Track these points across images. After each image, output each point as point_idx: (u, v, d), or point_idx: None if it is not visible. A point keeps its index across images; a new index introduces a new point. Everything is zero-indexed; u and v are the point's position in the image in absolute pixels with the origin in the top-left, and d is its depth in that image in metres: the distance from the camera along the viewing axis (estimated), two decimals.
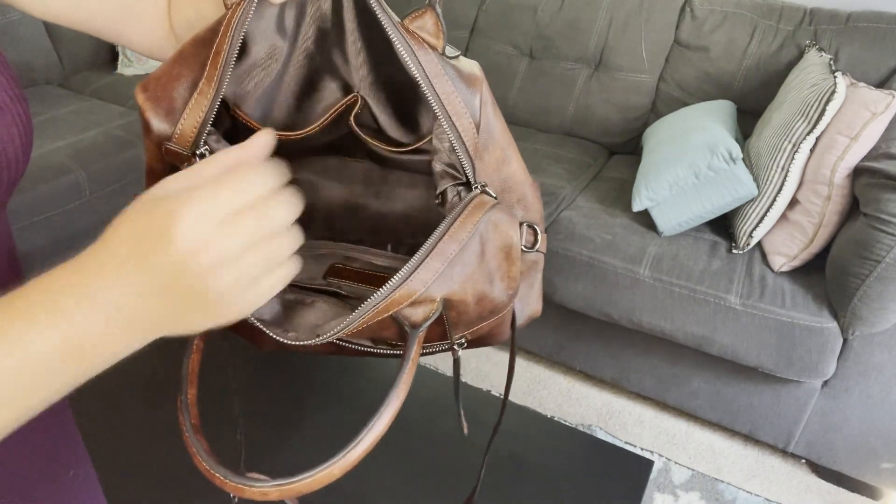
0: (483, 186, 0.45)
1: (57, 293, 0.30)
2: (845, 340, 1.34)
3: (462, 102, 0.44)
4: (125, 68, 2.30)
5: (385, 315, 0.42)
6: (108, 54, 2.39)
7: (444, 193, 0.46)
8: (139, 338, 0.33)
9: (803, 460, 1.61)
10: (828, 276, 1.37)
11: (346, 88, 0.50)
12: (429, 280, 0.41)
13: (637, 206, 1.52)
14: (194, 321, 0.34)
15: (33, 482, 0.47)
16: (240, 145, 0.35)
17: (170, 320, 0.33)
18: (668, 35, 1.88)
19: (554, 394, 1.76)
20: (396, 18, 0.42)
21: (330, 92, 0.50)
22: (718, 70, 1.81)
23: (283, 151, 0.39)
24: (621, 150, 2.01)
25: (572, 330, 1.67)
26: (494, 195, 0.46)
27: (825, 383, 1.42)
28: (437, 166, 0.46)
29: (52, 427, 0.50)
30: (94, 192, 1.75)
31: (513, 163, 0.50)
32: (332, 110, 0.50)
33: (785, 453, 1.62)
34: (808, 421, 1.47)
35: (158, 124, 0.42)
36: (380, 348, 0.49)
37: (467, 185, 0.46)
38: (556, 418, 1.67)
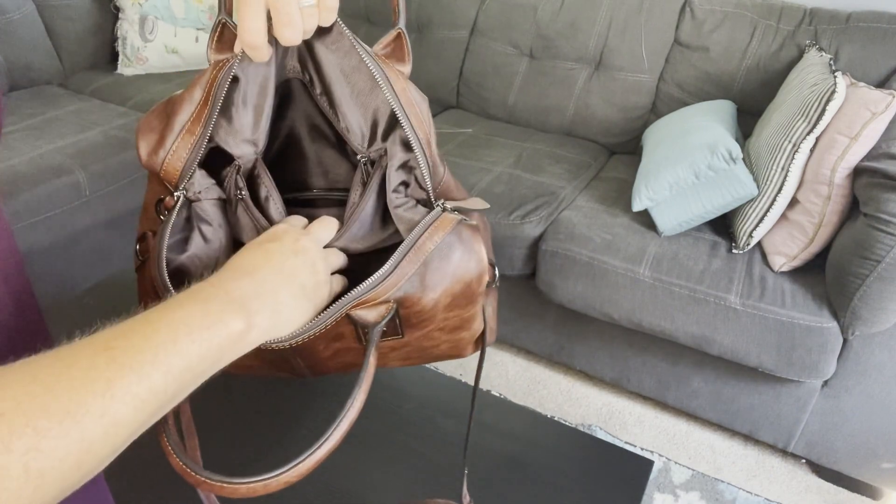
0: (443, 204, 0.48)
1: (221, 313, 0.36)
2: (845, 340, 1.34)
3: (422, 115, 0.48)
4: (125, 68, 2.30)
5: (342, 317, 0.45)
6: (109, 54, 2.39)
7: (397, 200, 0.49)
8: (277, 326, 0.41)
9: (803, 460, 1.61)
10: (828, 276, 1.37)
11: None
12: (394, 286, 0.45)
13: (637, 206, 1.52)
14: (315, 303, 0.44)
15: None
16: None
17: (301, 310, 0.42)
18: (668, 35, 1.88)
19: (554, 394, 1.76)
20: (370, 49, 0.47)
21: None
22: (718, 70, 1.81)
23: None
24: (621, 150, 2.01)
25: (572, 330, 1.67)
26: (459, 214, 0.48)
27: (825, 383, 1.42)
28: (392, 170, 0.49)
29: None
30: (94, 192, 1.75)
31: (459, 193, 0.55)
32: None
33: (785, 453, 1.62)
34: (808, 421, 1.47)
35: (146, 156, 0.47)
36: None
37: (426, 202, 0.49)
38: (556, 418, 1.67)
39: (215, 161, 0.49)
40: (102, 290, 1.51)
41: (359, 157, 0.52)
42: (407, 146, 0.49)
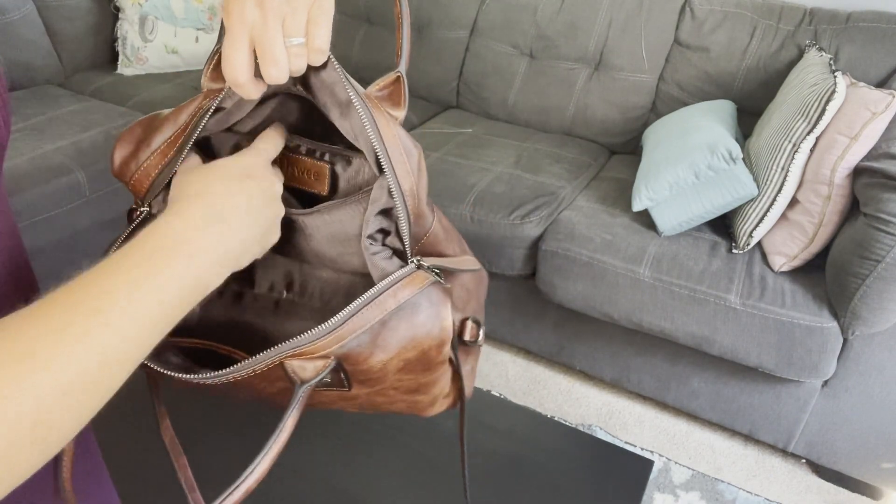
0: (419, 260, 0.45)
1: (183, 244, 0.37)
2: (845, 340, 1.34)
3: (410, 166, 0.45)
4: (125, 68, 2.29)
5: (274, 364, 0.42)
6: (108, 54, 2.39)
7: (375, 252, 0.46)
8: (235, 267, 0.41)
9: (803, 460, 1.61)
10: (828, 275, 1.37)
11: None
12: (338, 342, 0.41)
13: (637, 206, 1.52)
14: (261, 247, 0.43)
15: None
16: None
17: (254, 247, 0.42)
18: (668, 35, 1.88)
19: (554, 394, 1.76)
20: (362, 90, 0.46)
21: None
22: (718, 70, 1.81)
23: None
24: (621, 150, 2.01)
25: (572, 330, 1.67)
26: (435, 272, 0.46)
27: (825, 383, 1.42)
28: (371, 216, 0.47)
29: None
30: (94, 192, 1.75)
31: (450, 247, 0.52)
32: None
33: (785, 453, 1.62)
34: (808, 421, 1.47)
35: (118, 164, 0.47)
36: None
37: (402, 255, 0.47)
38: (556, 418, 1.67)
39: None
40: None
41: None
42: (392, 193, 0.45)
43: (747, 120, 1.75)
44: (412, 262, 0.45)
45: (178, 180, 0.43)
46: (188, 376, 0.44)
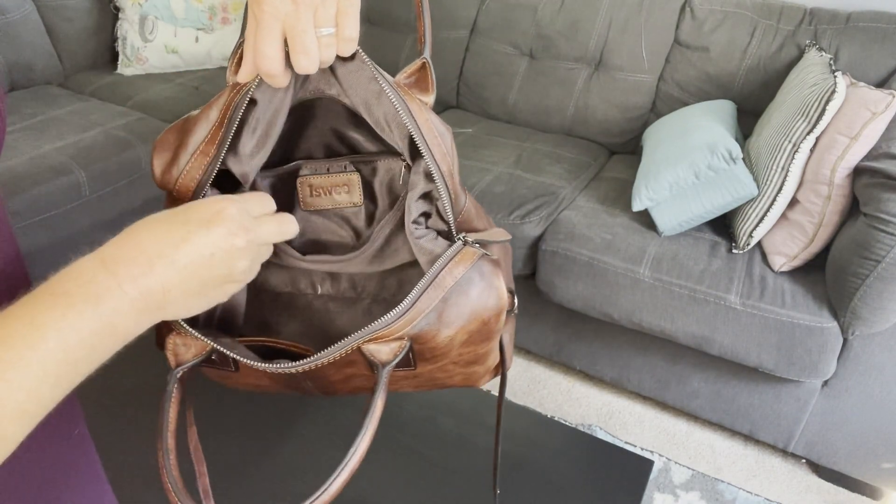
0: (464, 237, 0.47)
1: (89, 283, 0.34)
2: (845, 340, 1.34)
3: (445, 147, 0.47)
4: (125, 68, 2.30)
5: (354, 349, 0.44)
6: (108, 54, 2.39)
7: (419, 231, 0.48)
8: (158, 317, 0.38)
9: (803, 460, 1.61)
10: (828, 275, 1.37)
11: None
12: (410, 323, 0.44)
13: (637, 206, 1.52)
14: (206, 299, 0.40)
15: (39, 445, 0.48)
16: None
17: (190, 299, 0.39)
18: (668, 35, 1.88)
19: (554, 394, 1.76)
20: (392, 78, 0.46)
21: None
22: (718, 70, 1.81)
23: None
24: (621, 150, 2.01)
25: (572, 330, 1.67)
26: (478, 246, 0.47)
27: (825, 383, 1.42)
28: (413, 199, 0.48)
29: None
30: (94, 192, 1.75)
31: (480, 222, 0.54)
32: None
33: (785, 453, 1.62)
34: (808, 421, 1.47)
35: (160, 174, 0.47)
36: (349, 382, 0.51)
37: (448, 234, 0.49)
38: (556, 418, 1.67)
39: (221, 183, 0.49)
40: None
41: (402, 157, 0.52)
42: (429, 176, 0.47)
43: (747, 120, 1.75)
44: (459, 239, 0.47)
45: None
46: (275, 366, 0.44)
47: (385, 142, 0.53)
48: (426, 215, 0.49)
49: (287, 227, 0.45)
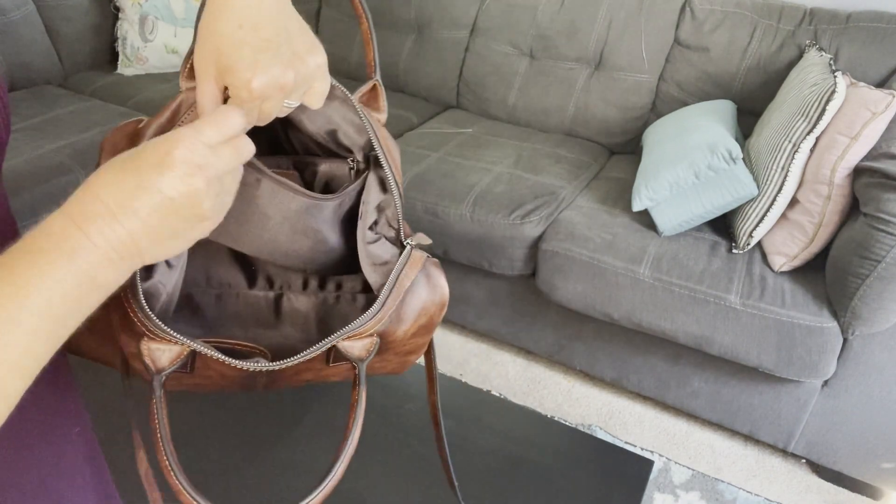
0: (410, 242, 0.53)
1: (61, 239, 0.34)
2: (845, 340, 1.34)
3: (397, 162, 0.53)
4: (125, 68, 2.30)
5: (329, 348, 0.48)
6: (108, 54, 2.39)
7: (373, 236, 0.53)
8: (137, 263, 0.38)
9: (803, 460, 1.61)
10: (828, 275, 1.37)
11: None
12: (379, 321, 0.49)
13: (637, 206, 1.52)
14: (183, 240, 0.39)
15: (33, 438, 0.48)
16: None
17: (165, 242, 0.38)
18: (668, 35, 1.88)
19: (554, 394, 1.76)
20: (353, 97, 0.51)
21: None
22: (718, 70, 1.81)
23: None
24: (621, 150, 2.01)
25: (572, 330, 1.67)
26: (422, 250, 0.54)
27: (825, 383, 1.42)
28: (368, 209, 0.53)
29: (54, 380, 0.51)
30: None
31: (407, 227, 0.59)
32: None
33: (785, 453, 1.62)
34: (808, 421, 1.47)
35: None
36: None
37: (395, 239, 0.54)
38: (556, 418, 1.67)
39: None
40: None
41: (350, 158, 0.54)
42: (382, 187, 0.53)
43: (747, 120, 1.75)
44: (407, 244, 0.53)
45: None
46: (255, 365, 0.46)
47: (326, 146, 0.54)
48: (376, 222, 0.54)
49: (244, 148, 0.41)
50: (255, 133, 0.56)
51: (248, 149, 0.41)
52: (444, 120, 2.10)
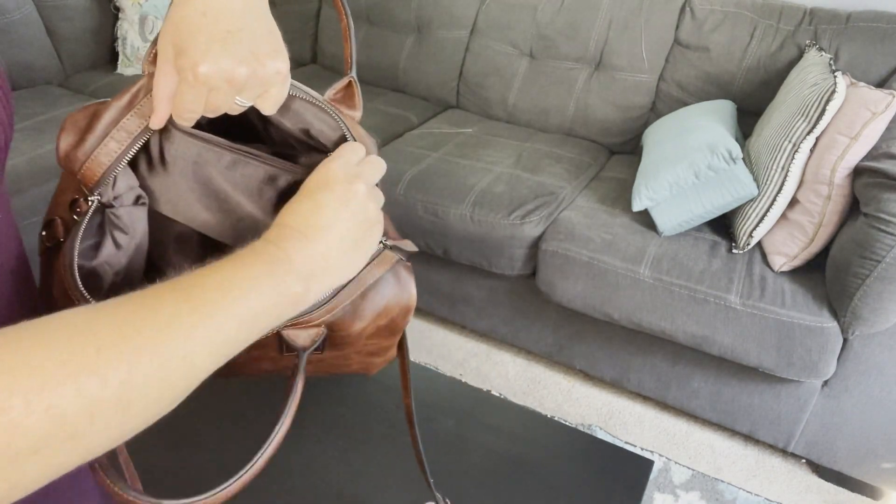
0: (385, 241, 0.51)
1: (264, 255, 0.38)
2: (845, 340, 1.34)
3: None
4: (125, 68, 2.30)
5: (273, 333, 0.47)
6: (108, 54, 2.39)
7: None
8: (327, 282, 0.42)
9: (803, 460, 1.61)
10: (828, 275, 1.37)
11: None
12: (329, 312, 0.47)
13: (637, 206, 1.52)
14: (363, 250, 0.44)
15: None
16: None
17: (350, 254, 0.43)
18: (668, 35, 1.88)
19: (554, 394, 1.76)
20: (320, 96, 0.50)
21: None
22: (718, 70, 1.81)
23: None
24: (621, 150, 2.01)
25: (572, 330, 1.67)
26: (397, 252, 0.52)
27: (825, 383, 1.42)
28: None
29: None
30: None
31: (392, 232, 0.58)
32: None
33: (785, 453, 1.62)
34: (808, 421, 1.47)
35: (64, 154, 0.45)
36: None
37: None
38: (555, 418, 1.67)
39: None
40: None
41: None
42: None
43: (747, 120, 1.75)
44: (382, 242, 0.51)
45: (298, 198, 0.43)
46: None
47: (304, 141, 0.53)
48: None
49: (379, 165, 0.48)
50: (232, 125, 0.55)
51: (382, 163, 0.48)
52: (444, 120, 2.10)
